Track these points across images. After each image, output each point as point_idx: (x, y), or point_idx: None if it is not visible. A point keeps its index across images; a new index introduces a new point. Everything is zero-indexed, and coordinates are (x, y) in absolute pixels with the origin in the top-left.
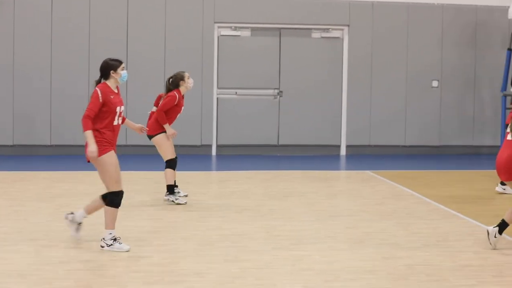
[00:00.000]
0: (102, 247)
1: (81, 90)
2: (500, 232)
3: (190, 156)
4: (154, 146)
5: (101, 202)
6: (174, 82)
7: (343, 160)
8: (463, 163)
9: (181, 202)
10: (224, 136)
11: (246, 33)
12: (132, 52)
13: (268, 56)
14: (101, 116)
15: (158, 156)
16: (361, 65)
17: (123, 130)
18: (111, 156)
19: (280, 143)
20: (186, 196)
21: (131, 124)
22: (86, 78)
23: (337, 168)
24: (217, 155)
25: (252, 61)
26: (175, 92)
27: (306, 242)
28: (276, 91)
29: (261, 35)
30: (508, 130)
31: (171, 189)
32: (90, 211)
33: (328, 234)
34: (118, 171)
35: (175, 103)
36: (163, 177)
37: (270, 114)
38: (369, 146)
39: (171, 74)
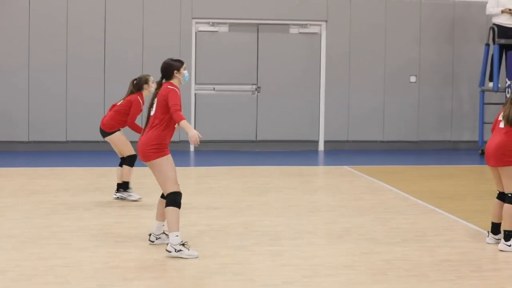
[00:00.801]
0: (169, 251)
1: (59, 87)
2: (507, 239)
3: None
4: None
5: (162, 201)
6: (138, 85)
7: (321, 156)
8: (441, 158)
9: (135, 198)
10: (202, 132)
11: (224, 28)
12: (110, 48)
13: (246, 52)
14: (166, 119)
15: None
16: (339, 60)
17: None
18: (168, 158)
19: (258, 138)
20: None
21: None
22: (63, 75)
23: (315, 163)
24: (195, 150)
25: (230, 56)
26: (137, 96)
27: (285, 237)
28: (254, 86)
29: (239, 30)
30: (500, 118)
31: (126, 185)
32: (161, 216)
33: (307, 229)
34: (175, 172)
35: (141, 108)
36: (125, 174)
37: (248, 110)
38: (348, 141)
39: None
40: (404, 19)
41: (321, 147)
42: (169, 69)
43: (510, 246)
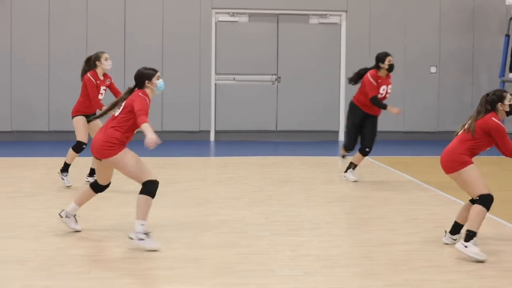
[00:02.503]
0: (132, 238)
1: (79, 77)
2: (468, 239)
3: (188, 142)
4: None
5: (90, 191)
6: (90, 63)
7: (341, 146)
8: None
9: (67, 184)
10: (222, 122)
11: (244, 19)
12: (130, 38)
13: (266, 42)
14: (129, 124)
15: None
16: (359, 50)
17: None
18: (127, 152)
19: (278, 129)
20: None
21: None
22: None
23: (335, 154)
24: (215, 141)
25: (250, 47)
26: (88, 75)
27: (305, 227)
28: (274, 77)
29: (259, 21)
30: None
31: (67, 167)
32: (81, 202)
33: (327, 220)
34: (141, 162)
35: (95, 85)
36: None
37: (268, 100)
38: None
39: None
40: (424, 9)
41: (341, 137)
42: (140, 78)
43: (466, 247)
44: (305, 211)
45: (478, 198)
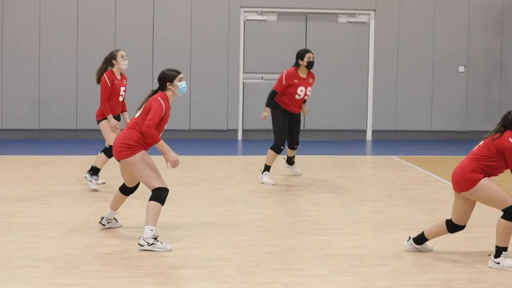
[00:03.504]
0: (142, 245)
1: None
2: (497, 255)
3: (216, 141)
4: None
5: (120, 195)
6: (107, 63)
7: (369, 145)
8: None
9: (92, 186)
10: (250, 121)
11: (272, 17)
12: (158, 37)
13: (294, 41)
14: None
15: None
16: (387, 50)
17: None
18: (143, 154)
19: (306, 127)
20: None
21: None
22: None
23: (363, 153)
24: (243, 139)
25: (278, 45)
26: (104, 75)
27: (332, 227)
28: None
29: (287, 19)
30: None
31: (96, 170)
32: (115, 207)
33: (354, 219)
34: (156, 169)
35: (109, 87)
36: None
37: None
38: (395, 131)
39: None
40: (452, 8)
41: (369, 136)
42: (163, 80)
43: (498, 263)
44: (332, 210)
45: (503, 211)
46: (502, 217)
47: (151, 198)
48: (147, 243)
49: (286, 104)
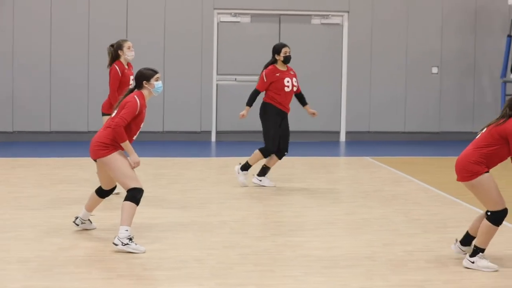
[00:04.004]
0: (116, 245)
1: (81, 77)
2: (473, 254)
3: (189, 143)
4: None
5: (96, 197)
6: (114, 53)
7: (342, 147)
8: (463, 150)
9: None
10: (223, 123)
11: (246, 19)
12: (132, 38)
13: (268, 43)
14: (125, 128)
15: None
16: (361, 51)
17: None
18: (120, 154)
19: None
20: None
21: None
22: (85, 66)
23: (336, 154)
24: (217, 141)
25: (252, 47)
26: (114, 65)
27: (305, 228)
28: None
29: (261, 21)
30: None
31: None
32: (90, 208)
33: (328, 220)
34: (130, 168)
35: (119, 75)
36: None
37: None
38: (369, 132)
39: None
40: (426, 10)
41: (342, 137)
42: (139, 78)
43: (473, 263)
44: (305, 211)
45: (489, 213)
46: (487, 219)
47: (126, 199)
48: (122, 243)
49: (277, 102)
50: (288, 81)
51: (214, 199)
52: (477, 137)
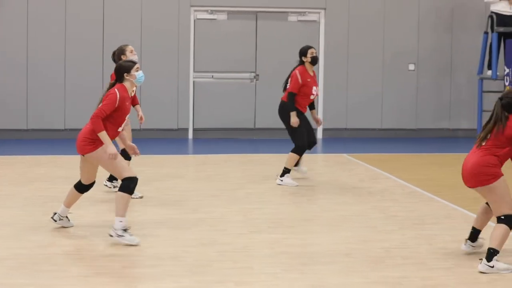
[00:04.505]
0: (111, 236)
1: (58, 73)
2: (489, 258)
3: (166, 140)
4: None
5: (75, 192)
6: (117, 59)
7: (319, 144)
8: (439, 147)
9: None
10: (200, 120)
11: (223, 16)
12: (108, 36)
13: (245, 40)
14: (110, 120)
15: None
16: (338, 48)
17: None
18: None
19: (257, 126)
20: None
21: (124, 138)
22: (62, 61)
23: (314, 151)
24: (194, 138)
25: (229, 44)
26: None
27: (283, 225)
28: (253, 74)
29: (238, 18)
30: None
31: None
32: (69, 204)
33: (305, 217)
34: (121, 158)
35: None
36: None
37: (247, 98)
38: (346, 129)
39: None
40: (403, 7)
41: (319, 135)
42: (119, 71)
43: (493, 267)
44: (283, 208)
45: (503, 217)
46: (504, 222)
47: (120, 189)
48: (117, 234)
49: (298, 103)
50: (314, 90)
51: (191, 197)
52: (482, 143)
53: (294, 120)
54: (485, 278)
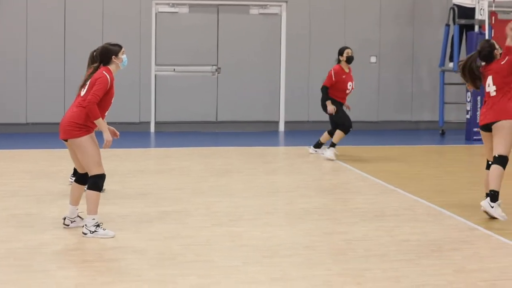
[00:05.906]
0: (85, 234)
1: (20, 63)
2: (493, 199)
3: (128, 133)
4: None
5: (78, 186)
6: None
7: (281, 136)
8: (402, 139)
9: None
10: (162, 113)
11: (184, 9)
12: (70, 29)
13: (206, 33)
14: (98, 104)
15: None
16: (299, 41)
17: None
18: (92, 137)
19: (219, 119)
20: None
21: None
22: (24, 51)
23: (275, 144)
24: (156, 132)
25: (190, 37)
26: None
27: (245, 218)
28: (214, 67)
29: (199, 11)
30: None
31: None
32: (76, 201)
33: (267, 210)
34: (99, 152)
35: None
36: None
37: (209, 91)
38: (308, 122)
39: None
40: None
41: (281, 127)
42: (107, 54)
43: (493, 207)
44: (245, 201)
45: (497, 156)
46: (494, 162)
47: (89, 187)
48: (90, 231)
49: (337, 96)
50: (350, 85)
51: (153, 190)
52: (490, 89)
53: (330, 107)
54: (447, 269)
